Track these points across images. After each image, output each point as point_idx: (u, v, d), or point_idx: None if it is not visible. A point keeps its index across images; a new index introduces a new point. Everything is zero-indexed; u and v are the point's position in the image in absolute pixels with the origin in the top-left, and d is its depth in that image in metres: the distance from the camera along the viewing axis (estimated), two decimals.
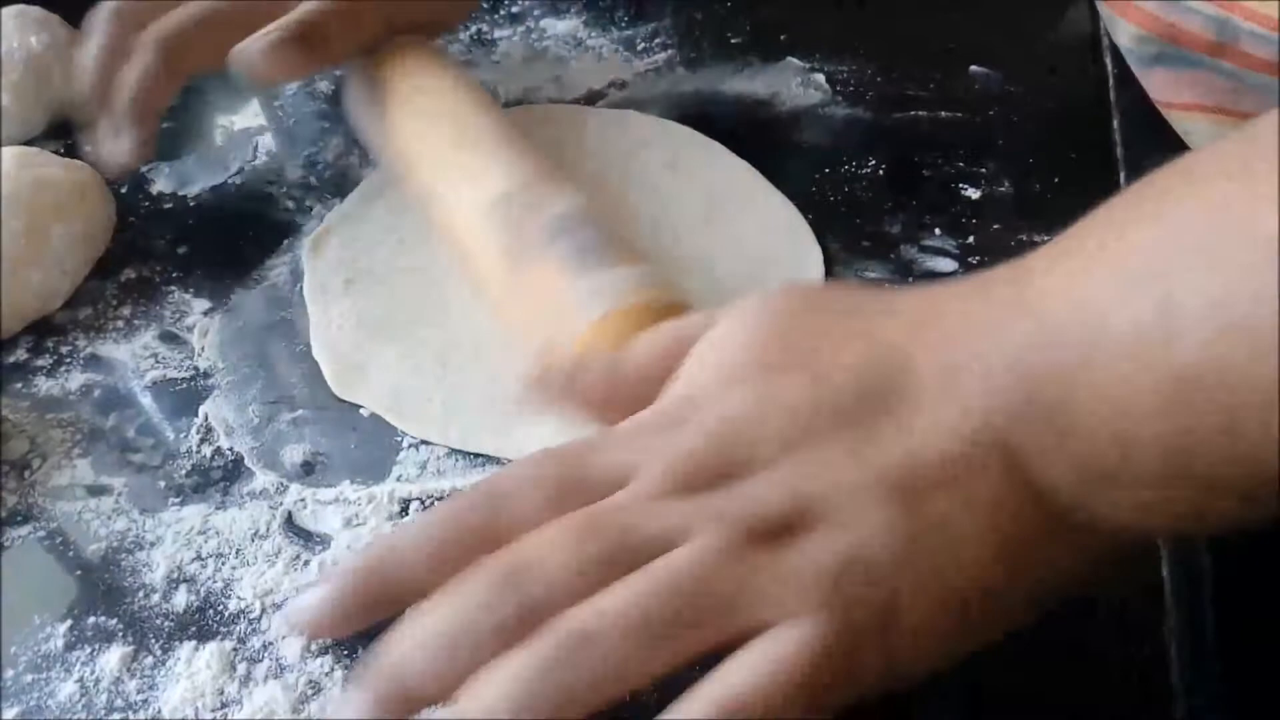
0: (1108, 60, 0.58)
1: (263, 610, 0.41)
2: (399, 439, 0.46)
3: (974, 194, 0.53)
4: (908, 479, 0.28)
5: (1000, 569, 0.28)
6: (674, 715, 0.27)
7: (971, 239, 0.51)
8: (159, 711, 0.39)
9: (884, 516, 0.27)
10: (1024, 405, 0.27)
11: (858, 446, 0.28)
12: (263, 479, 0.45)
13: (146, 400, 0.49)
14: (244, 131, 0.60)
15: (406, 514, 0.43)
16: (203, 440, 0.47)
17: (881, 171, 0.55)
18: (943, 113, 0.57)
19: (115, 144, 0.51)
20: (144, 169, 0.58)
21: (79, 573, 0.43)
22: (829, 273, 0.50)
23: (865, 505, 0.28)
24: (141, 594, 0.42)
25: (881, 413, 0.29)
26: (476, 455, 0.45)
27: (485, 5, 0.65)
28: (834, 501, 0.28)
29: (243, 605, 0.41)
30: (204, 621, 0.41)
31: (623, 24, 0.63)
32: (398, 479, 0.45)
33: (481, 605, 0.28)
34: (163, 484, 0.46)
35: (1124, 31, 0.49)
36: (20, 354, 0.51)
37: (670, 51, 0.62)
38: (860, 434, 0.29)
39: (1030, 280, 0.29)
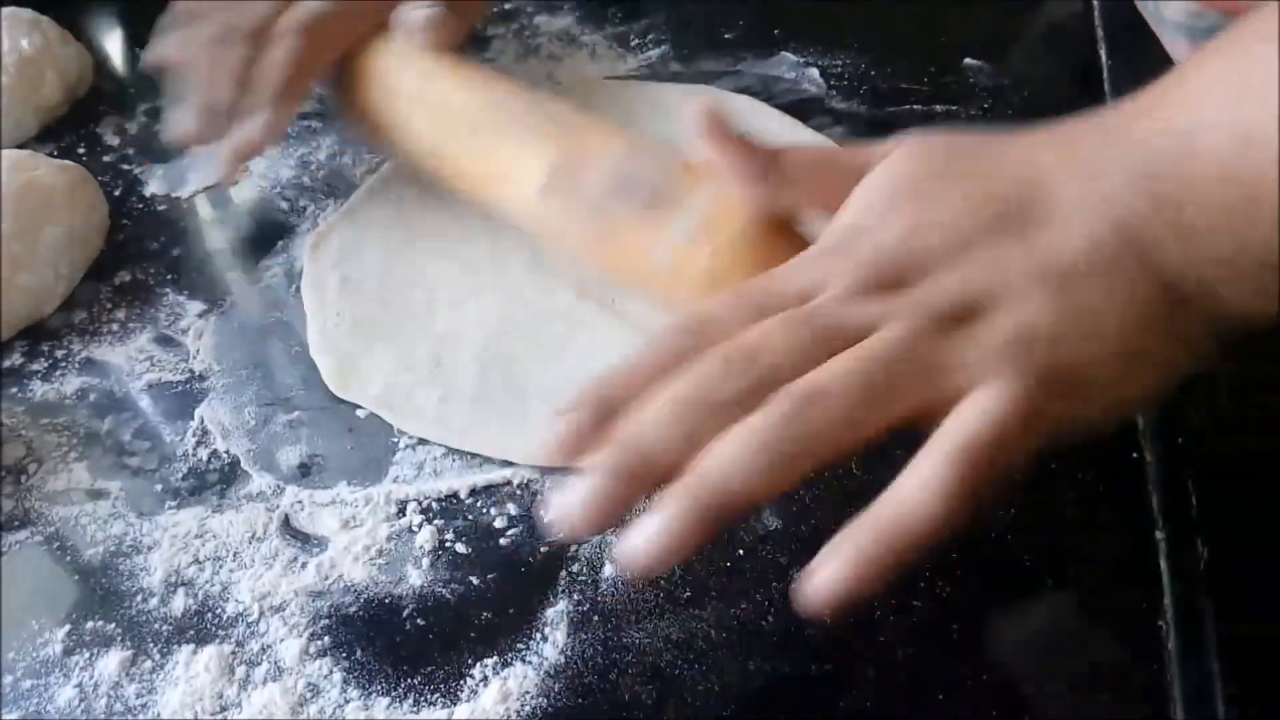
0: (1101, 51, 0.58)
1: (261, 613, 0.41)
2: (395, 440, 0.46)
3: None
4: (1059, 272, 0.33)
5: (1141, 339, 0.33)
6: (914, 469, 0.31)
7: None
8: (158, 715, 0.39)
9: (1044, 300, 0.33)
10: (1148, 214, 0.33)
11: (1013, 251, 0.34)
12: (259, 481, 0.45)
13: (142, 403, 0.49)
14: None
15: (404, 515, 0.43)
16: (199, 443, 0.47)
17: None
18: (937, 106, 0.57)
19: (251, 126, 0.51)
20: (137, 171, 0.58)
21: (77, 577, 0.43)
22: None
23: (1028, 292, 0.33)
24: (140, 598, 0.42)
25: (1029, 224, 0.34)
26: (474, 455, 0.45)
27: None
28: (1002, 291, 0.33)
29: (241, 608, 0.41)
30: (202, 625, 0.41)
31: (616, 20, 0.63)
32: (394, 480, 0.45)
33: (716, 377, 0.31)
34: (159, 487, 0.46)
35: (1176, 8, 0.51)
36: (15, 358, 0.51)
37: (664, 47, 0.61)
38: (1013, 241, 0.34)
39: (1132, 120, 0.35)
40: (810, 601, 0.29)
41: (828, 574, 0.29)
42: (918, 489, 0.30)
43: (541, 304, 0.49)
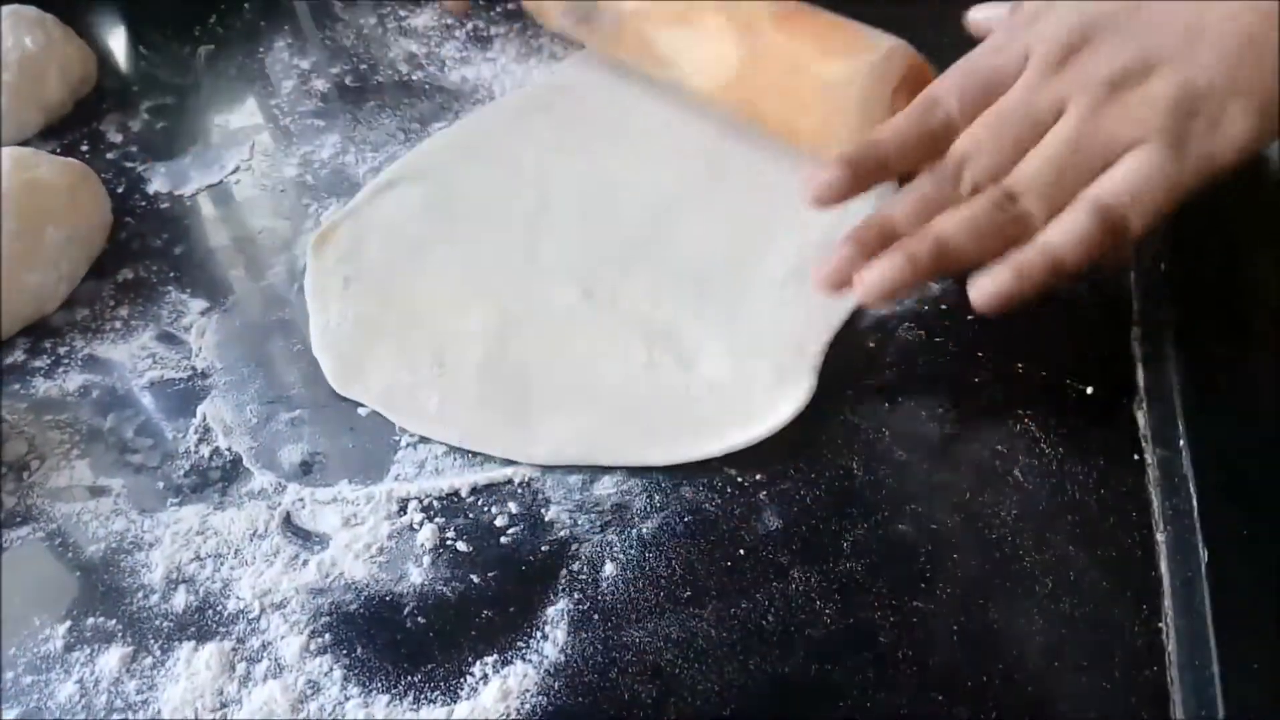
0: None
1: (261, 610, 0.41)
2: (396, 438, 0.46)
3: None
4: (1213, 20, 0.38)
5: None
6: (1063, 215, 0.39)
7: None
8: (159, 712, 0.39)
9: (1205, 50, 0.38)
10: None
11: (1180, 4, 0.39)
12: (261, 479, 0.45)
13: (144, 401, 0.49)
14: (240, 131, 0.60)
15: (405, 513, 0.43)
16: (201, 440, 0.47)
17: None
18: None
19: None
20: (140, 168, 0.58)
21: (78, 574, 0.43)
22: None
23: (1189, 46, 0.39)
24: (140, 594, 0.42)
25: None
26: (475, 454, 0.45)
27: (481, 2, 0.65)
28: (1164, 49, 0.39)
29: (241, 605, 0.41)
30: (203, 622, 0.41)
31: None
32: (395, 478, 0.45)
33: (943, 183, 0.42)
34: (161, 484, 0.46)
35: None
36: (18, 355, 0.51)
37: None
38: None
39: None
40: (978, 300, 0.40)
41: (991, 279, 0.39)
42: (1060, 235, 0.39)
43: (543, 303, 0.50)
